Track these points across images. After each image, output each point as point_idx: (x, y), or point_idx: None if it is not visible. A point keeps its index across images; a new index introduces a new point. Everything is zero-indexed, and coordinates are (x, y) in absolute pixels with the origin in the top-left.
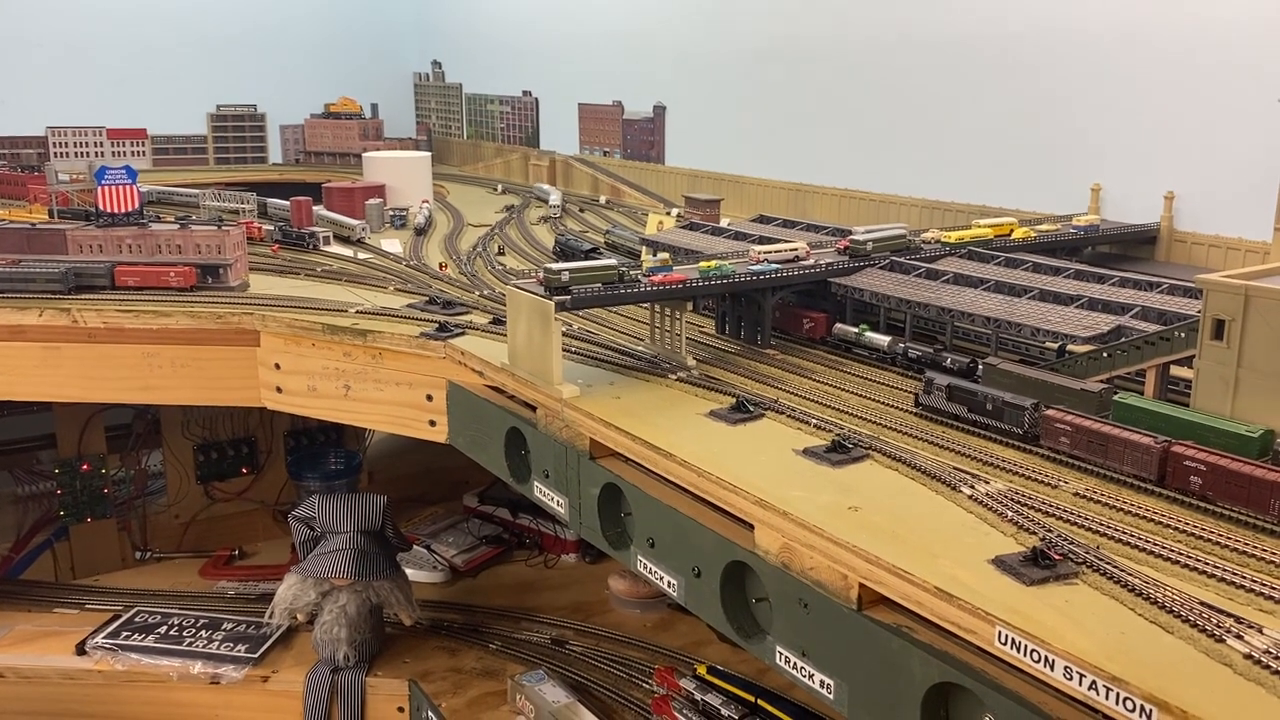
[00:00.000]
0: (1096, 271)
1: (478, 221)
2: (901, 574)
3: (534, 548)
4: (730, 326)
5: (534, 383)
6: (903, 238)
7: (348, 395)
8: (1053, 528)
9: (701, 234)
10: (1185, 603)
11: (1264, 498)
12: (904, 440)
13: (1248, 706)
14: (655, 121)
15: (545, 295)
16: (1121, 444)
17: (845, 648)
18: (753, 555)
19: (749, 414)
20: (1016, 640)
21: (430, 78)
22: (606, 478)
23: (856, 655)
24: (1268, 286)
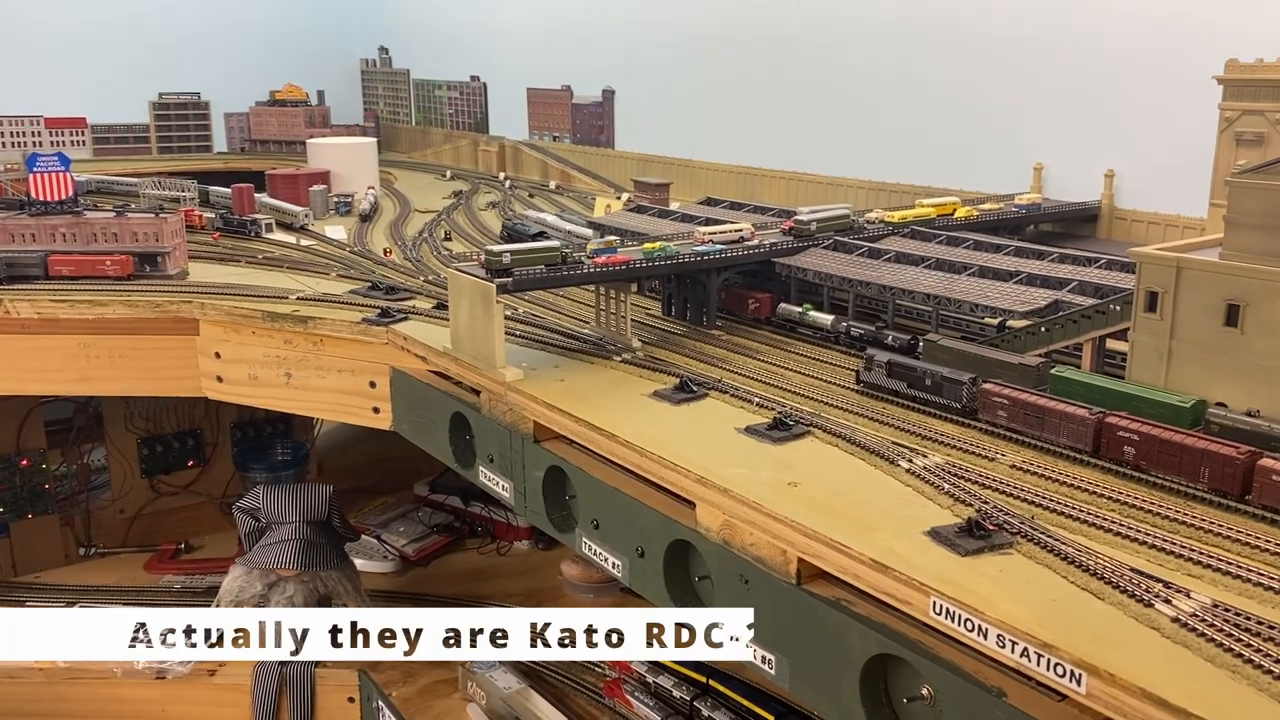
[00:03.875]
0: (1036, 248)
1: (425, 207)
2: (839, 547)
3: (486, 535)
4: (676, 308)
5: (477, 367)
6: (846, 218)
7: (289, 383)
8: (988, 499)
9: (648, 216)
10: (1116, 569)
11: (1194, 466)
12: (845, 417)
13: (1175, 668)
14: (604, 106)
15: (487, 278)
16: (1057, 416)
17: (785, 622)
18: (695, 533)
19: (692, 394)
20: (951, 610)
21: (377, 64)
22: (551, 460)
23: (796, 630)
24: (1198, 258)
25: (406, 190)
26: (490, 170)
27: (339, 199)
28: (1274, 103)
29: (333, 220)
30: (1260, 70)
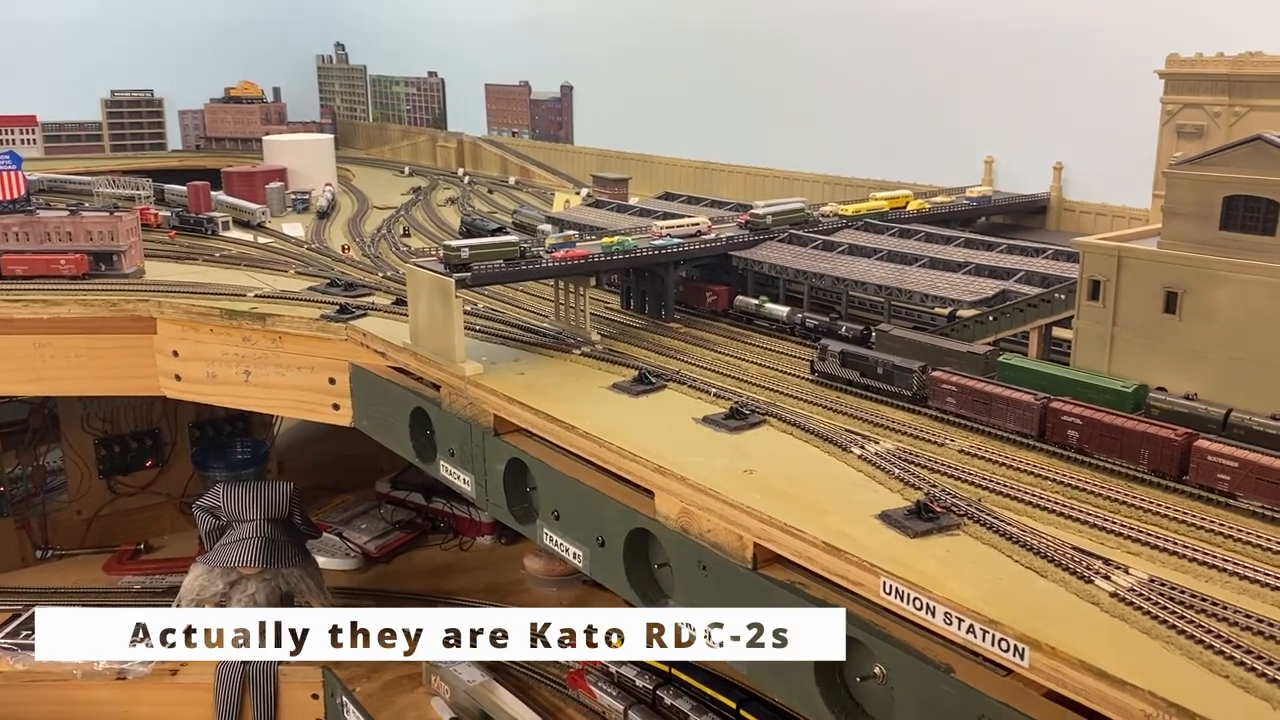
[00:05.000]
0: (985, 239)
1: (383, 204)
2: (793, 531)
3: (449, 531)
4: (635, 301)
5: (437, 361)
6: (801, 211)
7: (248, 381)
8: (937, 483)
9: (607, 211)
10: (1058, 548)
11: (1135, 448)
12: (800, 405)
13: (1113, 641)
14: (563, 102)
15: (445, 272)
16: (1004, 402)
17: (742, 606)
18: (654, 522)
19: (651, 385)
20: (901, 590)
21: (334, 60)
22: (511, 453)
23: None
24: (1138, 248)
25: (364, 187)
26: (449, 166)
27: (296, 196)
28: (1213, 96)
29: (290, 217)
30: (1200, 64)
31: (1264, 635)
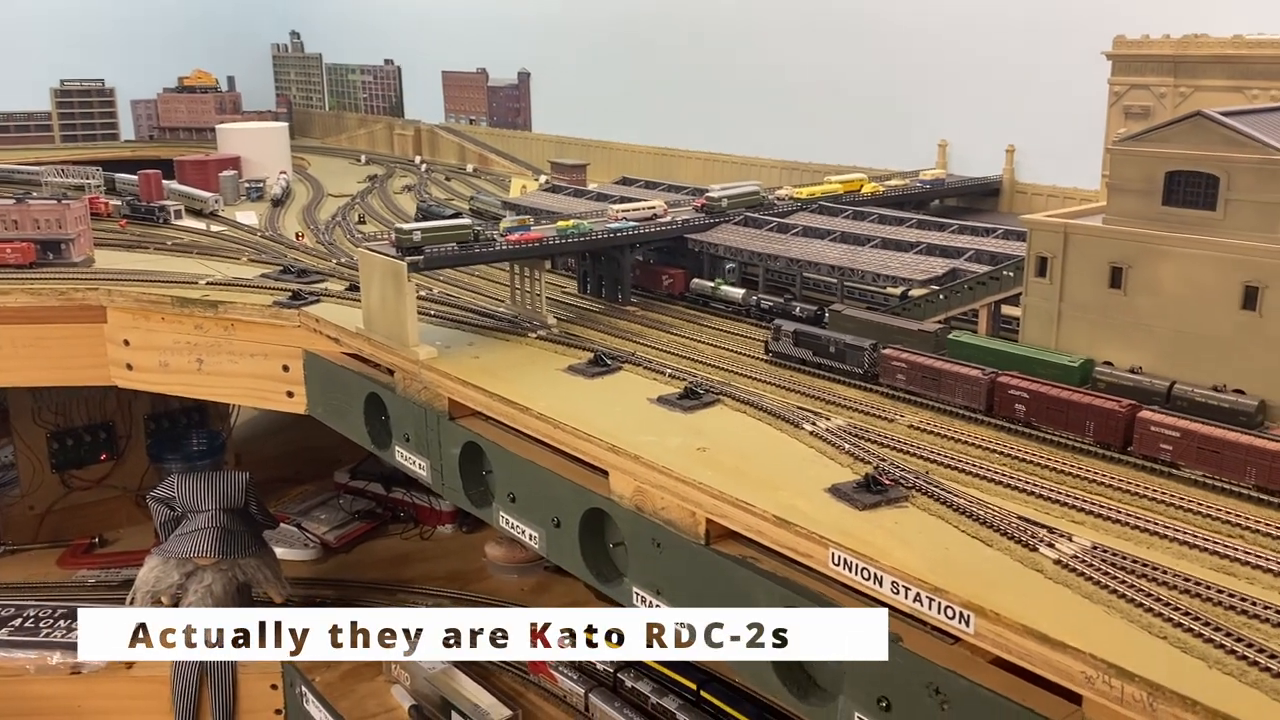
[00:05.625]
0: (937, 220)
1: (339, 192)
2: (743, 506)
3: (409, 520)
4: (592, 285)
5: (390, 346)
6: (756, 194)
7: (201, 369)
8: (886, 457)
9: (563, 196)
10: (1004, 518)
11: (1080, 420)
12: (753, 385)
13: (1055, 606)
14: (520, 88)
15: (397, 256)
16: (953, 378)
17: (695, 582)
18: (608, 501)
19: (606, 367)
20: (848, 560)
21: (289, 48)
22: (466, 437)
23: (706, 588)
24: (1084, 224)
25: (320, 175)
26: (406, 154)
27: (250, 184)
28: (1159, 77)
29: (244, 206)
30: (1146, 46)
31: (1201, 598)
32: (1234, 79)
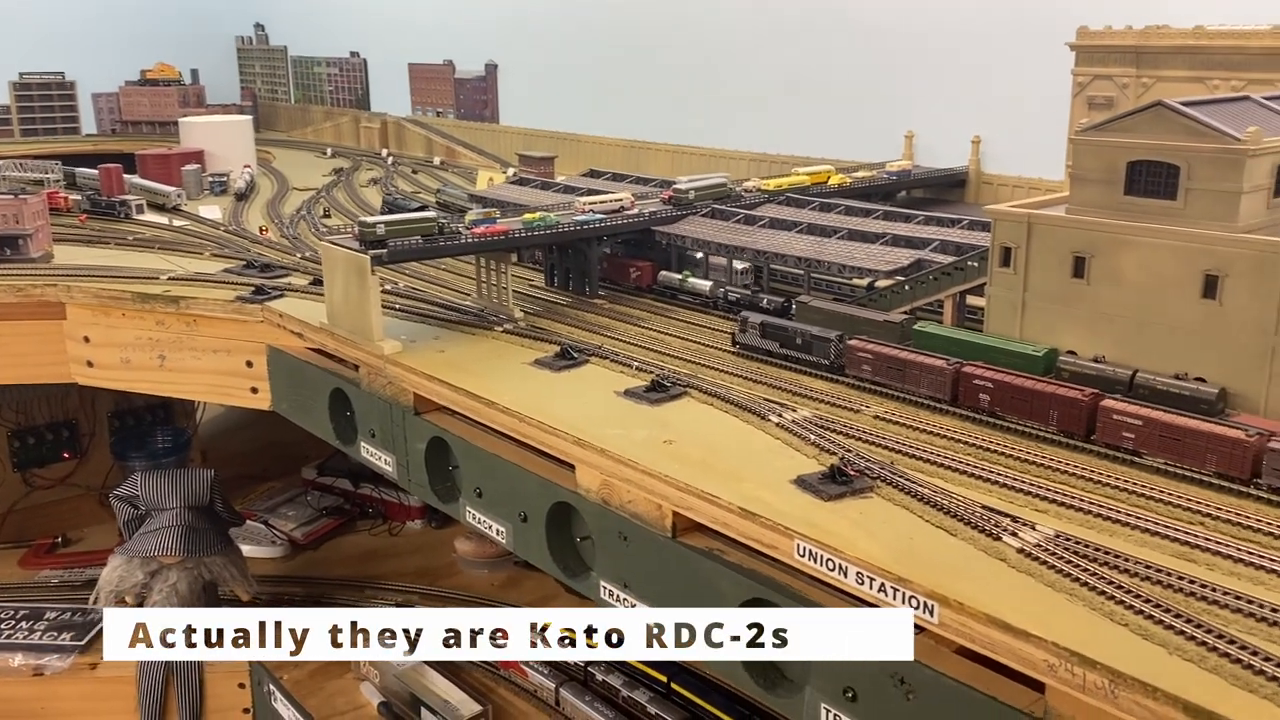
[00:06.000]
0: (903, 211)
1: (304, 185)
2: (709, 498)
3: (377, 517)
4: (559, 278)
5: (354, 341)
6: (724, 186)
7: (163, 366)
8: (852, 448)
9: (531, 189)
10: (969, 507)
11: (1044, 410)
12: (720, 377)
13: (1018, 595)
14: (488, 80)
15: (361, 250)
16: (917, 368)
17: (662, 575)
18: (575, 495)
19: (573, 361)
20: (813, 551)
21: (253, 41)
22: (432, 432)
23: (673, 581)
24: (1047, 214)
25: (285, 169)
26: (373, 147)
27: (214, 178)
28: (1122, 68)
29: (207, 200)
30: (1108, 36)
31: (1162, 585)
32: (1195, 69)
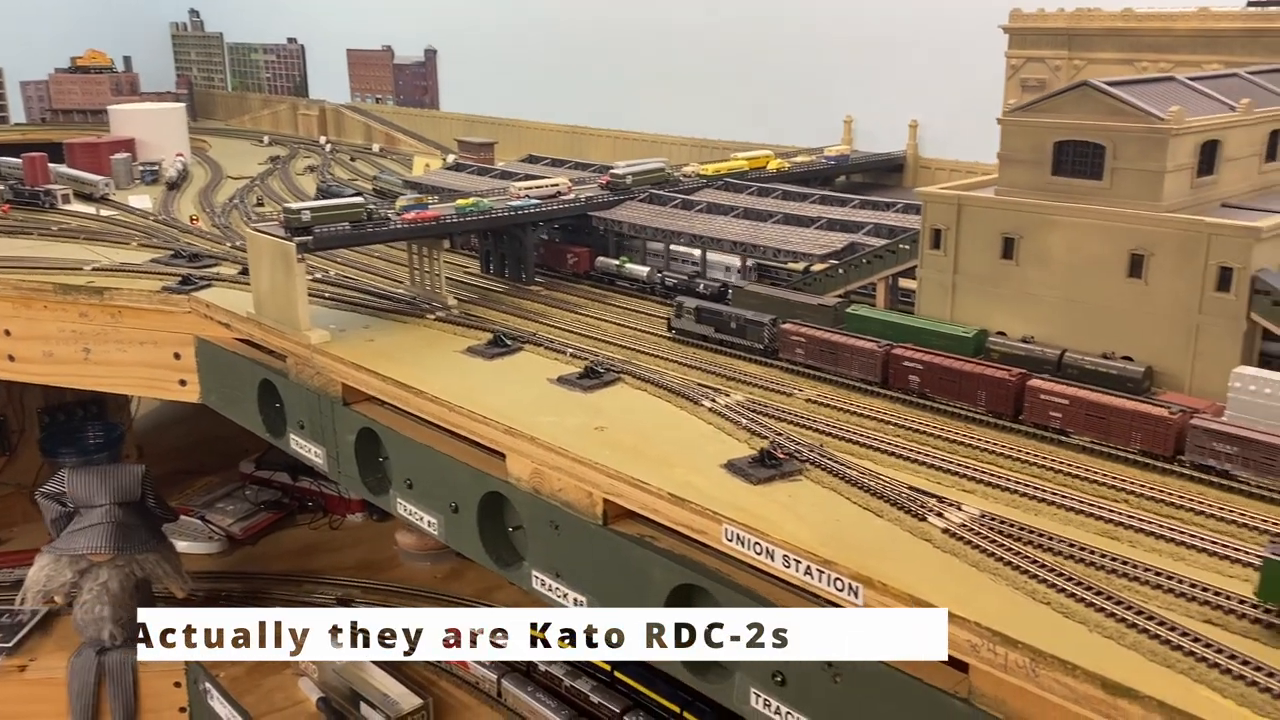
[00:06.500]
0: (838, 196)
1: (239, 174)
2: (639, 485)
3: (318, 510)
4: (495, 265)
5: (281, 330)
6: (662, 171)
7: (88, 359)
8: (783, 431)
9: (468, 175)
10: (895, 488)
11: (972, 390)
12: (655, 362)
13: (942, 575)
14: (427, 66)
15: (286, 237)
16: (849, 351)
17: (593, 563)
18: (506, 484)
19: (506, 348)
20: (741, 535)
21: (188, 28)
22: (361, 423)
23: (604, 569)
24: (976, 195)
25: (221, 157)
26: (311, 135)
27: (144, 167)
28: (1054, 50)
29: (137, 189)
30: (1040, 19)
31: (1085, 563)
32: (1125, 51)
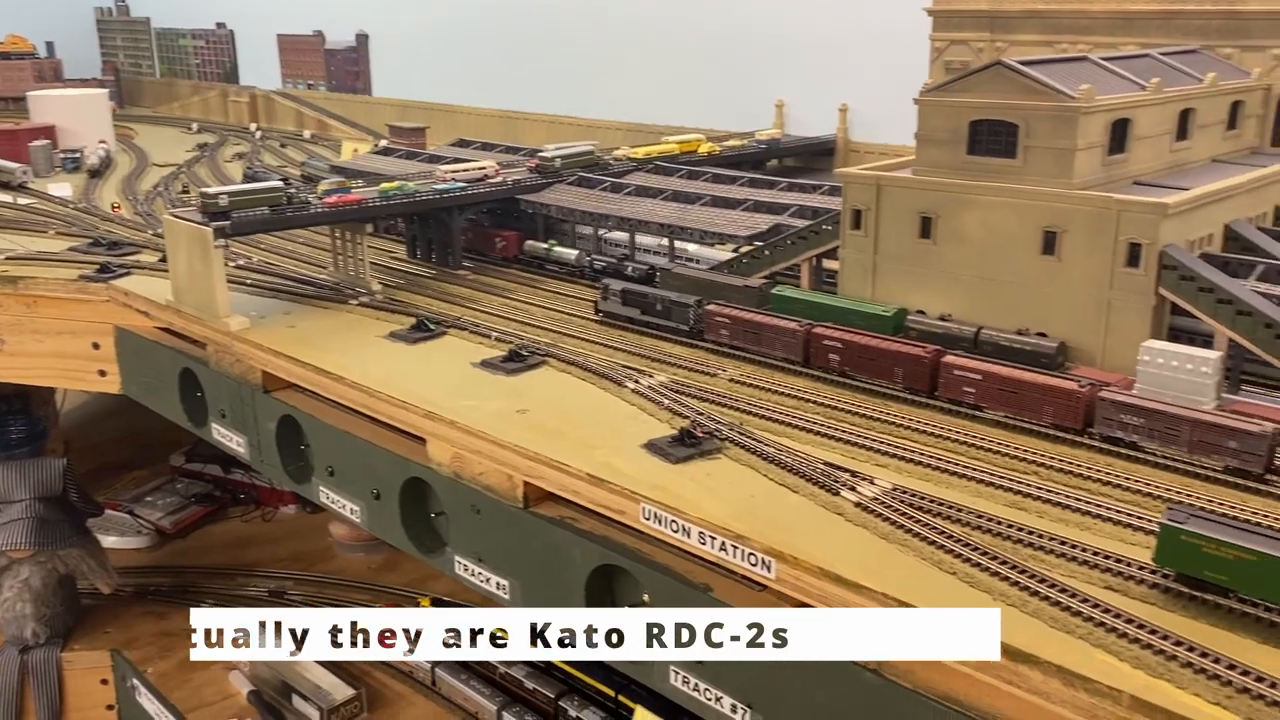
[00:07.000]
0: (766, 178)
1: (165, 161)
2: (558, 466)
3: (250, 502)
4: (421, 250)
5: (200, 318)
6: (591, 154)
7: (2, 350)
8: (705, 411)
9: (395, 159)
10: (811, 464)
11: (889, 367)
12: (581, 345)
13: (853, 547)
14: (359, 51)
15: (203, 222)
16: (772, 331)
17: (515, 546)
18: (428, 470)
19: (429, 333)
20: (658, 514)
21: (114, 13)
22: (282, 410)
23: (525, 552)
24: (895, 176)
25: (147, 145)
26: (242, 122)
27: (66, 155)
28: (977, 32)
29: (58, 177)
30: (964, 2)
31: (992, 533)
32: (1045, 34)
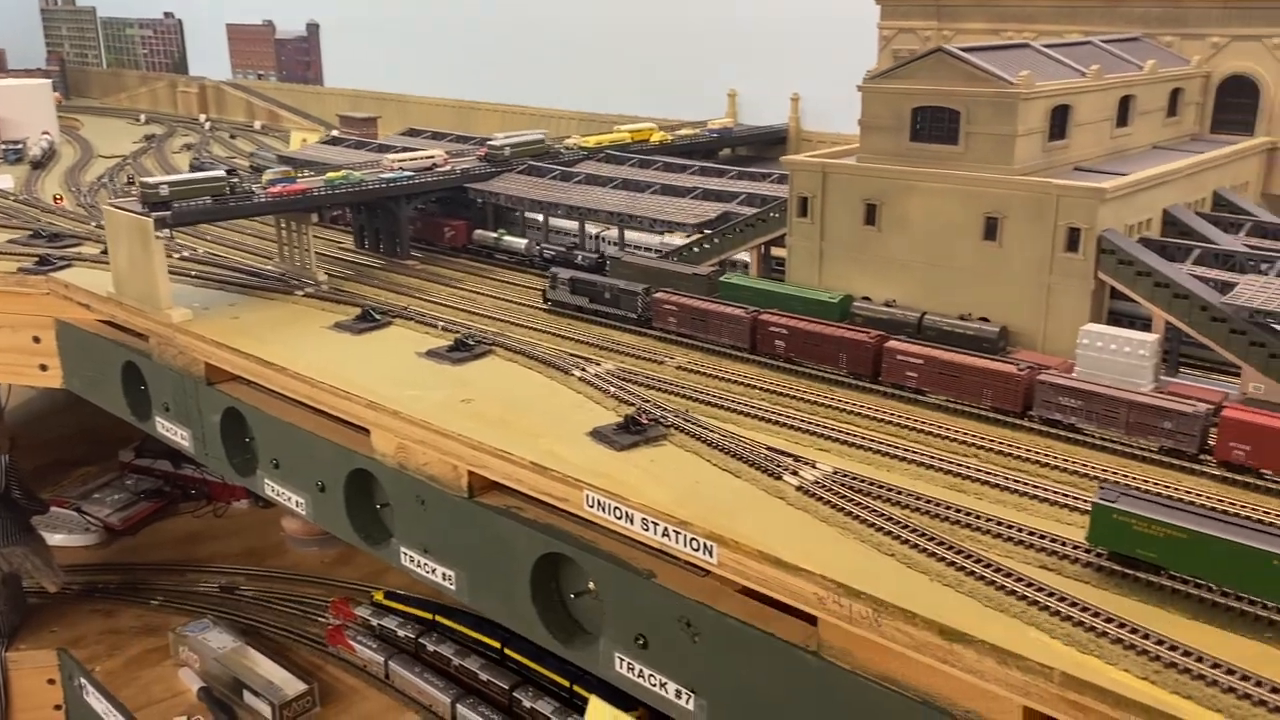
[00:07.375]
0: (716, 167)
1: (110, 152)
2: (502, 455)
3: (201, 498)
4: (369, 240)
5: (142, 309)
6: (541, 143)
7: None
8: (651, 398)
9: (343, 148)
10: (754, 449)
11: (834, 353)
12: (529, 334)
13: (794, 531)
14: (310, 41)
15: (144, 212)
16: (719, 318)
17: (460, 537)
18: (372, 460)
19: (375, 323)
20: (602, 501)
21: (59, 2)
22: (226, 402)
23: (470, 542)
24: (840, 163)
25: (93, 136)
26: (191, 113)
27: (7, 146)
28: (924, 21)
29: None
30: None
31: (931, 515)
32: (991, 22)
